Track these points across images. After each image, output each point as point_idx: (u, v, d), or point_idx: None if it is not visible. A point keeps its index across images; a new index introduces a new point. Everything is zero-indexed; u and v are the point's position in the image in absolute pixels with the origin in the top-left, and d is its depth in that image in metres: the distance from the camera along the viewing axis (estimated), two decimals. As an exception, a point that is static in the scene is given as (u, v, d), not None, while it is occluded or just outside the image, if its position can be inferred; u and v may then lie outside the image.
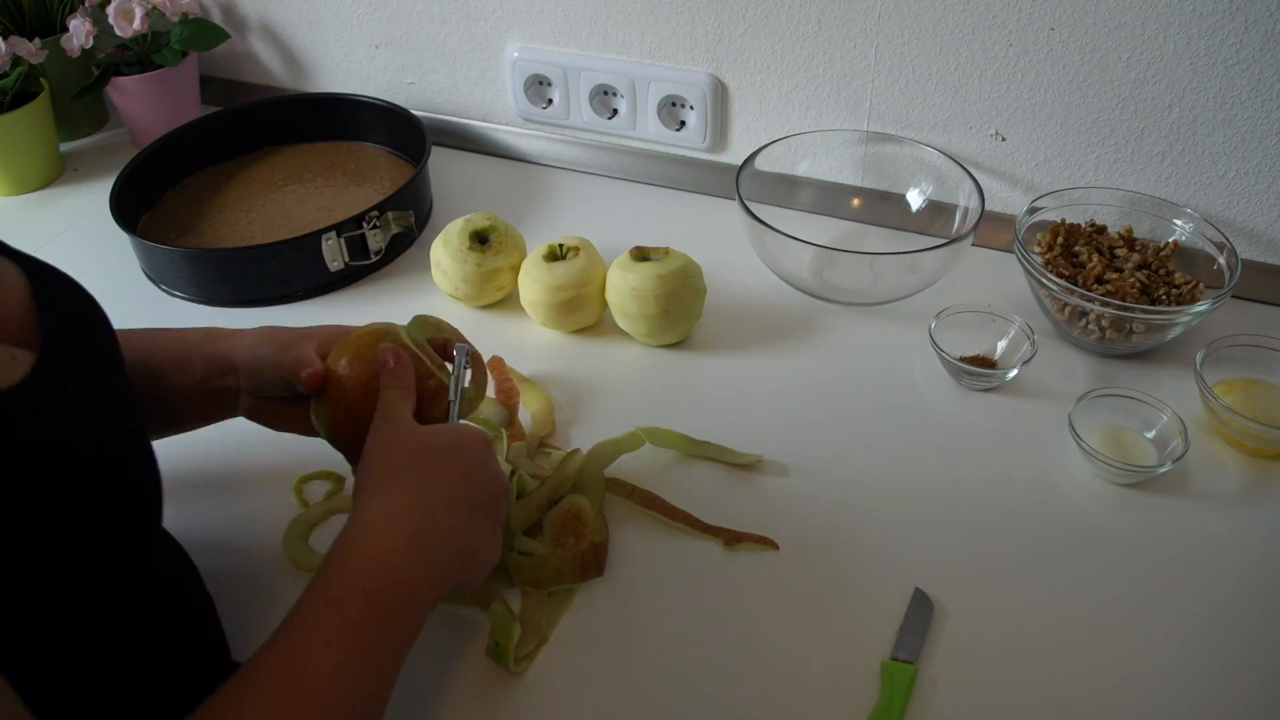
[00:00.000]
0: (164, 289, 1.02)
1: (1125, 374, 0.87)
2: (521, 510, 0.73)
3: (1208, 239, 0.90)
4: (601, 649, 0.67)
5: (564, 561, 0.70)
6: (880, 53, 0.98)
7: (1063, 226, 0.92)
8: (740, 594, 0.70)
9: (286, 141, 1.21)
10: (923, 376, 0.88)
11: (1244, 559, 0.72)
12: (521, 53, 1.13)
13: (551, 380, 0.88)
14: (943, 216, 1.01)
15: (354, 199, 1.11)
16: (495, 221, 0.96)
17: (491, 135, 1.21)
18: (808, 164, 1.06)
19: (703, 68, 1.06)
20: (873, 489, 0.78)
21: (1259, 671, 0.65)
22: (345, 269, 1.00)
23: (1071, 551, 0.73)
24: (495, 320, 0.96)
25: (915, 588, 0.69)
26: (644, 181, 1.15)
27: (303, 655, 0.50)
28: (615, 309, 0.90)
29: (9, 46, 1.12)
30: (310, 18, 1.22)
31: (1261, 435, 0.77)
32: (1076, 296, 0.84)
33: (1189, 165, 0.92)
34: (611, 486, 0.76)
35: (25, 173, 1.18)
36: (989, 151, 0.99)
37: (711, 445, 0.80)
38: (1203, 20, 0.85)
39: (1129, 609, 0.69)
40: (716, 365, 0.90)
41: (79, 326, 0.55)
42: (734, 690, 0.64)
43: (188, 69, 1.22)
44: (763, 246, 0.95)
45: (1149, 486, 0.77)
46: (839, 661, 0.66)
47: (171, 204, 1.12)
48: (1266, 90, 0.86)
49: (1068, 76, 0.92)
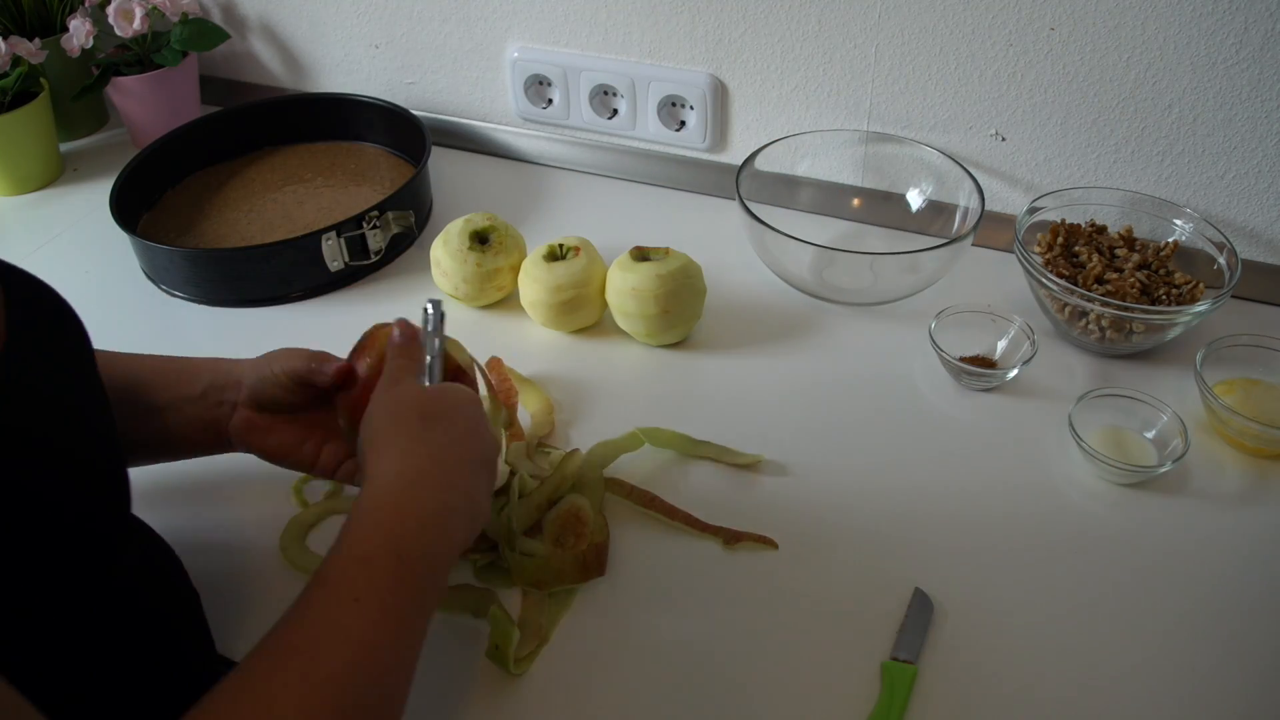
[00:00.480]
0: (164, 289, 1.02)
1: (1125, 374, 0.87)
2: (522, 510, 0.73)
3: (1208, 239, 0.90)
4: (601, 649, 0.67)
5: (565, 562, 0.70)
6: (880, 53, 0.98)
7: (1063, 226, 0.92)
8: (740, 593, 0.70)
9: (286, 141, 1.21)
10: (923, 376, 0.88)
11: (1244, 559, 0.72)
12: (521, 53, 1.13)
13: (551, 380, 0.88)
14: (943, 216, 1.01)
15: (354, 199, 1.11)
16: (495, 221, 0.96)
17: (491, 135, 1.21)
18: (808, 164, 1.06)
19: (703, 68, 1.06)
20: (873, 489, 0.78)
21: (1259, 670, 0.65)
22: (345, 269, 1.00)
23: (1072, 551, 0.73)
24: (495, 320, 0.96)
25: (915, 588, 0.69)
26: (644, 181, 1.15)
27: (334, 614, 0.49)
28: (615, 309, 0.90)
29: (9, 46, 1.12)
30: (310, 18, 1.22)
31: (1261, 435, 0.77)
32: (1076, 296, 0.84)
33: (1189, 165, 0.92)
34: (611, 486, 0.76)
35: (25, 173, 1.18)
36: (989, 151, 0.99)
37: (711, 445, 0.80)
38: (1203, 20, 0.85)
39: (1129, 608, 0.69)
40: (716, 365, 0.90)
41: (49, 324, 0.56)
42: (733, 690, 0.64)
43: (188, 69, 1.22)
44: (763, 246, 0.95)
45: (1149, 486, 0.77)
46: (839, 661, 0.66)
47: (171, 204, 1.12)
48: (1266, 90, 0.86)
49: (1068, 76, 0.92)
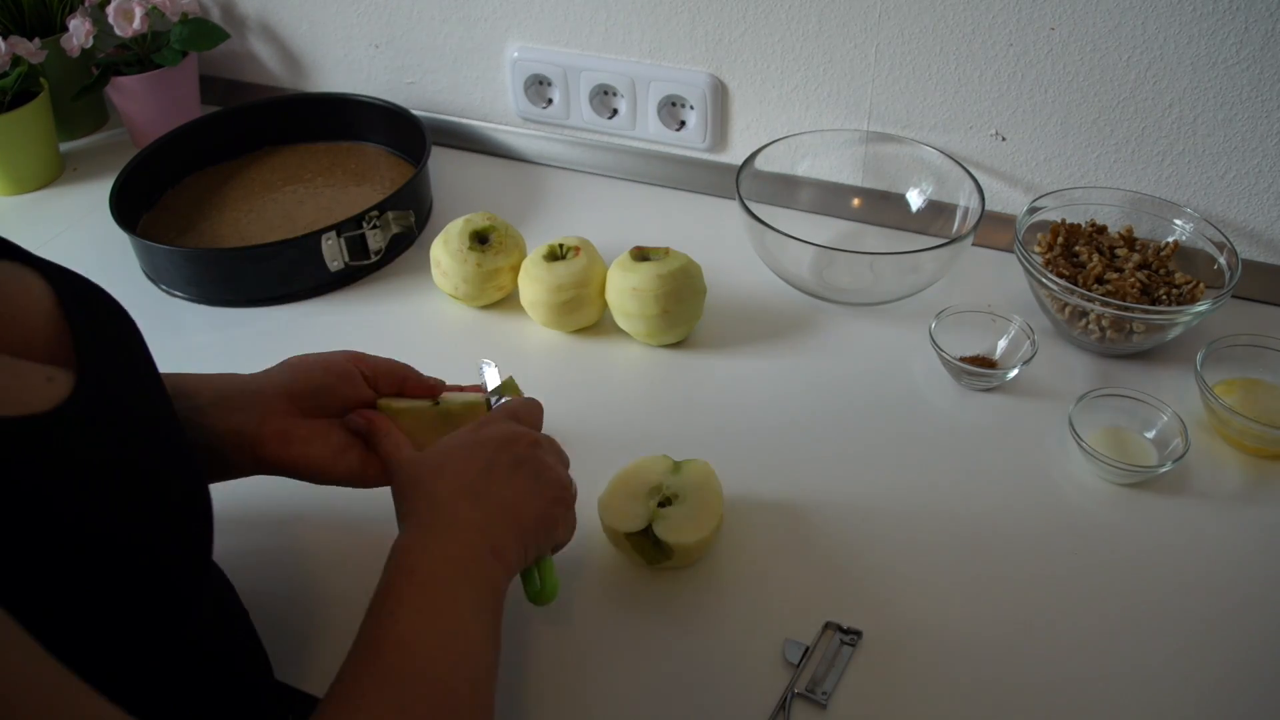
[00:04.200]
0: (164, 289, 1.02)
1: (1125, 374, 0.87)
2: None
3: (1208, 239, 0.90)
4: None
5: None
6: (880, 53, 0.98)
7: (1063, 226, 0.92)
8: (740, 594, 0.71)
9: (286, 141, 1.21)
10: (923, 376, 0.88)
11: (1244, 558, 0.72)
12: (521, 53, 1.13)
13: (551, 380, 0.88)
14: (943, 216, 1.01)
15: (354, 199, 1.11)
16: (495, 221, 0.96)
17: (491, 135, 1.21)
18: (808, 164, 1.06)
19: (703, 68, 1.06)
20: (873, 488, 0.78)
21: (1259, 670, 0.65)
22: (345, 269, 1.00)
23: (1072, 551, 0.73)
24: (495, 320, 0.96)
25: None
26: (644, 181, 1.15)
27: (431, 614, 0.52)
28: (615, 309, 0.90)
29: (9, 46, 1.12)
30: (310, 18, 1.22)
31: (1261, 435, 0.77)
32: (1076, 296, 0.84)
33: (1189, 165, 0.92)
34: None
35: (25, 173, 1.18)
36: (989, 151, 0.99)
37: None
38: (1203, 20, 0.85)
39: (1129, 608, 0.69)
40: (716, 365, 0.90)
41: (116, 340, 0.52)
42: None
43: (188, 69, 1.22)
44: (763, 246, 0.95)
45: (1149, 486, 0.77)
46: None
47: (171, 204, 1.12)
48: (1266, 90, 0.86)
49: (1068, 76, 0.92)
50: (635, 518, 0.70)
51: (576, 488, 0.66)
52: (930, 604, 0.69)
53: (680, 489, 0.72)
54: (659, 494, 0.72)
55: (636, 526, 0.70)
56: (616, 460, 0.75)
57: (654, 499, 0.72)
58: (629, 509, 0.71)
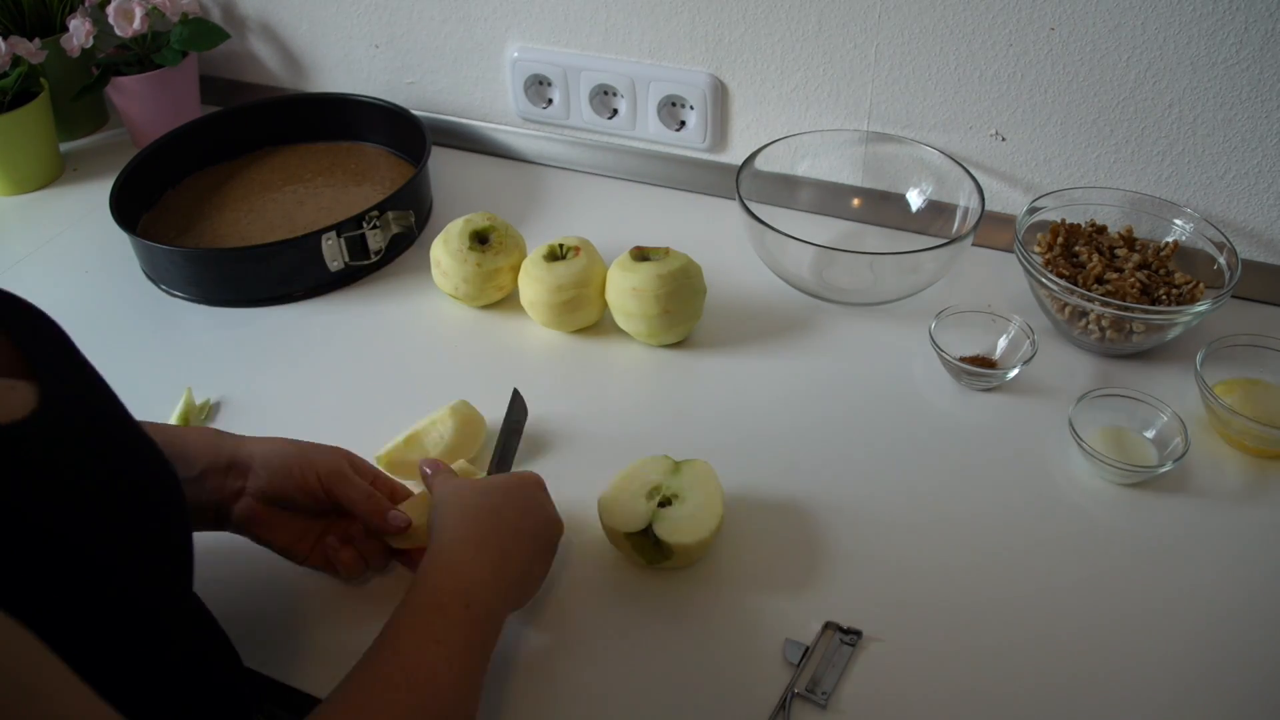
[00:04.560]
0: (164, 289, 1.02)
1: (1125, 374, 0.87)
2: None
3: (1208, 239, 0.90)
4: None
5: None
6: (880, 53, 0.98)
7: (1063, 226, 0.92)
8: (740, 594, 0.71)
9: (286, 141, 1.21)
10: (923, 376, 0.88)
11: (1244, 558, 0.72)
12: (521, 53, 1.13)
13: (551, 380, 0.88)
14: (943, 216, 1.01)
15: (354, 199, 1.11)
16: (495, 221, 0.96)
17: (491, 135, 1.21)
18: (808, 164, 1.06)
19: (703, 68, 1.06)
20: (873, 488, 0.78)
21: (1260, 670, 0.65)
22: (345, 269, 1.00)
23: (1072, 551, 0.73)
24: (495, 320, 0.96)
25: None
26: (644, 181, 1.15)
27: (416, 653, 0.54)
28: (615, 309, 0.90)
29: (9, 46, 1.12)
30: (310, 18, 1.22)
31: (1261, 435, 0.77)
32: (1076, 296, 0.84)
33: (1189, 165, 0.92)
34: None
35: (25, 173, 1.18)
36: (989, 151, 0.99)
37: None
38: (1203, 20, 0.85)
39: (1129, 607, 0.69)
40: (716, 365, 0.90)
41: (60, 347, 0.51)
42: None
43: (188, 69, 1.22)
44: (763, 246, 0.95)
45: (1149, 486, 0.77)
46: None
47: (171, 204, 1.12)
48: (1266, 90, 0.86)
49: (1068, 76, 0.92)
50: (635, 518, 0.70)
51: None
52: (930, 603, 0.69)
53: (680, 489, 0.72)
54: (659, 494, 0.72)
55: (637, 526, 0.70)
56: (616, 460, 0.75)
57: (654, 499, 0.72)
58: (629, 509, 0.71)
